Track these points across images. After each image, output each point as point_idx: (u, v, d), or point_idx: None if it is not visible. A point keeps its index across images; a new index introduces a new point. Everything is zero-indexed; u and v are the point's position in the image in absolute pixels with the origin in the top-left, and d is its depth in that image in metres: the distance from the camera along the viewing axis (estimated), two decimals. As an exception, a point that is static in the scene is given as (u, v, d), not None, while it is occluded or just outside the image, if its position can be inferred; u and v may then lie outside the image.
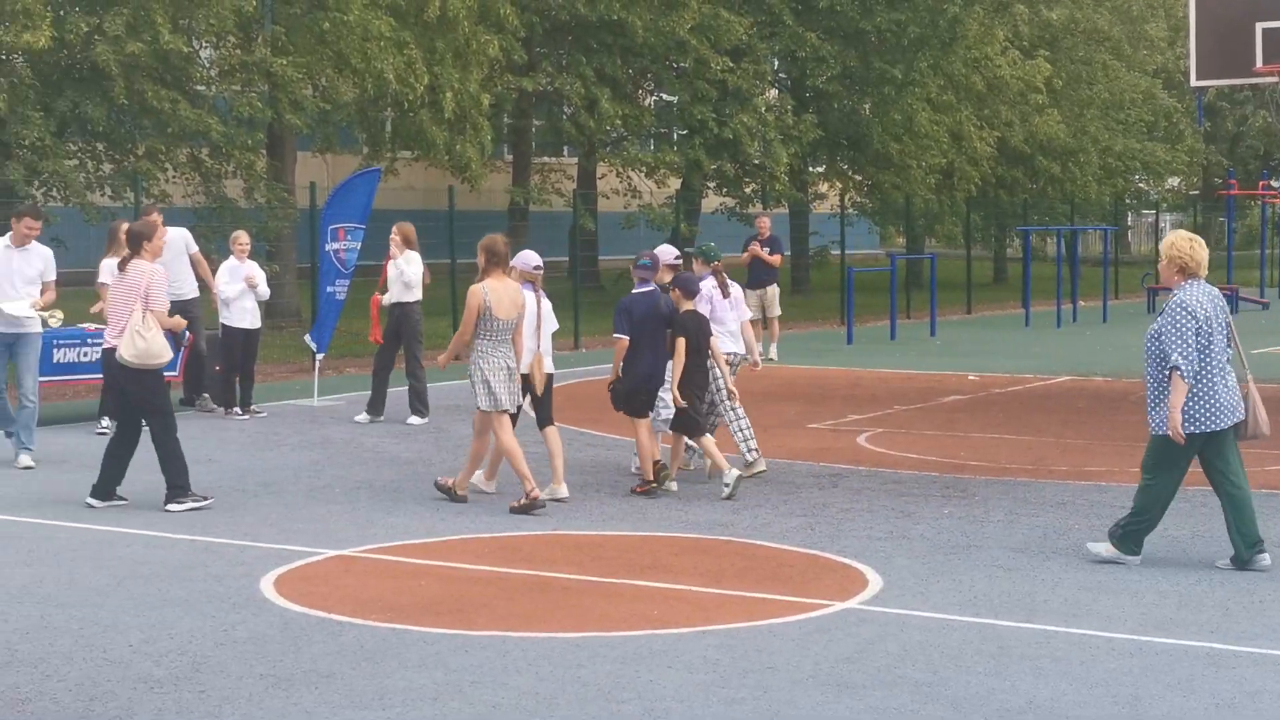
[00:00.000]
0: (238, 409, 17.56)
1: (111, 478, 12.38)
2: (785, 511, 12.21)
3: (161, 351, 12.27)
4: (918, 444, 15.80)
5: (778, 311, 25.12)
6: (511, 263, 12.72)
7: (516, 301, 12.39)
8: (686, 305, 13.17)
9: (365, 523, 11.76)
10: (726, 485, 12.73)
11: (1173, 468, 10.23)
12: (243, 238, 17.87)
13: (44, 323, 14.88)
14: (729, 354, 13.83)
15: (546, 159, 40.23)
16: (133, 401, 12.37)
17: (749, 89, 34.60)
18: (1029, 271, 35.73)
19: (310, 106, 26.97)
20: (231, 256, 17.73)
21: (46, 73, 23.66)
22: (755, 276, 24.84)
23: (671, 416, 13.17)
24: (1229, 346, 10.28)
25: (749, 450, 13.73)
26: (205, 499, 12.28)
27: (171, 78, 24.64)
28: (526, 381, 12.68)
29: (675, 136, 37.68)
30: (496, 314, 12.23)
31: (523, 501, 12.17)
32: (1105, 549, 10.43)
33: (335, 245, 19.02)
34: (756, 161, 35.69)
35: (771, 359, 24.60)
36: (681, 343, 12.97)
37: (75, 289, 16.64)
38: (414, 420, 17.17)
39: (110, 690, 7.60)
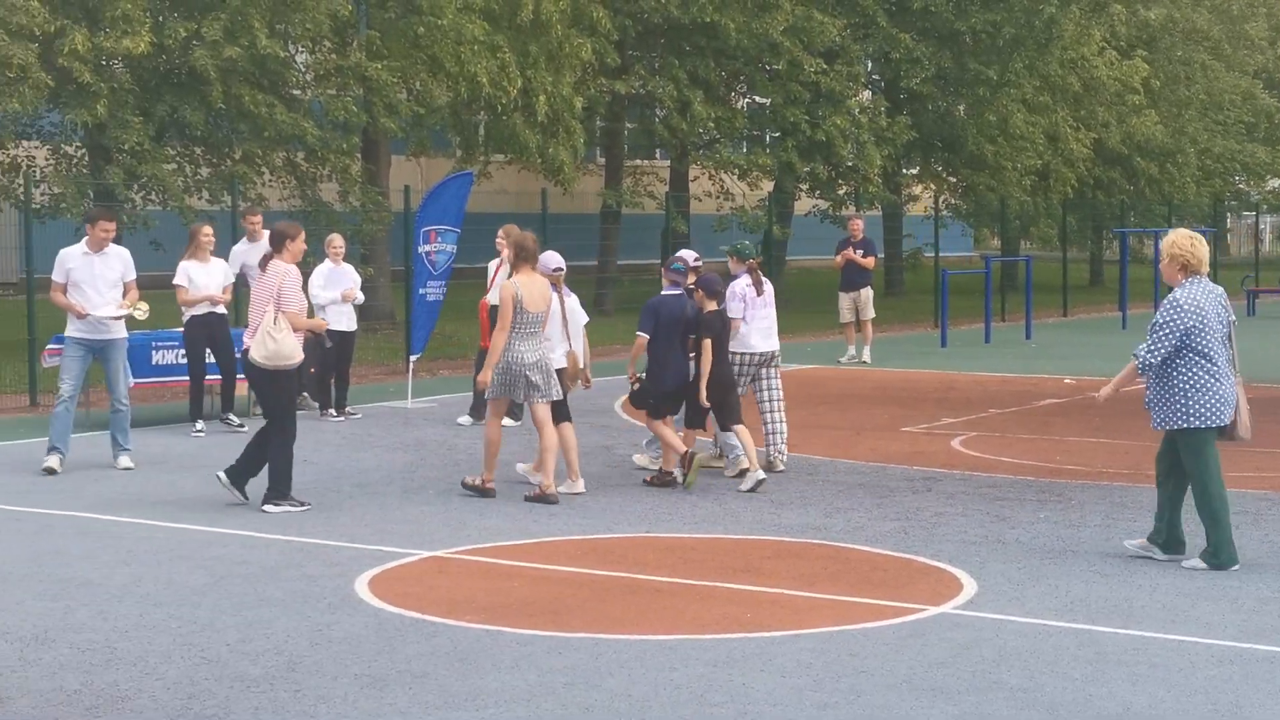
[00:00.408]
0: (333, 410, 17.69)
1: (248, 470, 12.63)
2: (879, 515, 12.15)
3: (292, 353, 12.39)
4: (1013, 448, 15.68)
5: (871, 314, 25.01)
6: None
7: (545, 296, 12.81)
8: (710, 305, 13.43)
9: (459, 524, 11.81)
10: (749, 483, 13.16)
11: (1209, 461, 10.31)
12: (337, 241, 18.00)
13: (131, 317, 14.94)
14: (763, 352, 14.07)
15: (639, 161, 40.25)
16: (256, 393, 12.52)
17: (842, 91, 34.46)
18: (1126, 273, 35.37)
19: (404, 110, 27.13)
20: (326, 260, 17.86)
21: (145, 78, 23.94)
22: (849, 279, 24.73)
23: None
24: (1229, 346, 10.35)
25: (775, 451, 14.06)
26: (303, 504, 12.39)
27: (268, 82, 24.86)
28: (562, 377, 13.11)
29: (768, 139, 37.59)
30: (527, 307, 12.61)
31: (477, 483, 12.85)
32: (1196, 562, 10.34)
33: (427, 248, 19.13)
34: (850, 164, 35.54)
35: (865, 362, 24.51)
36: (708, 343, 13.27)
37: (171, 291, 16.77)
38: (508, 422, 17.13)
39: (207, 689, 7.67)
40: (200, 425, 16.43)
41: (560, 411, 13.12)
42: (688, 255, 14.07)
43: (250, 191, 24.56)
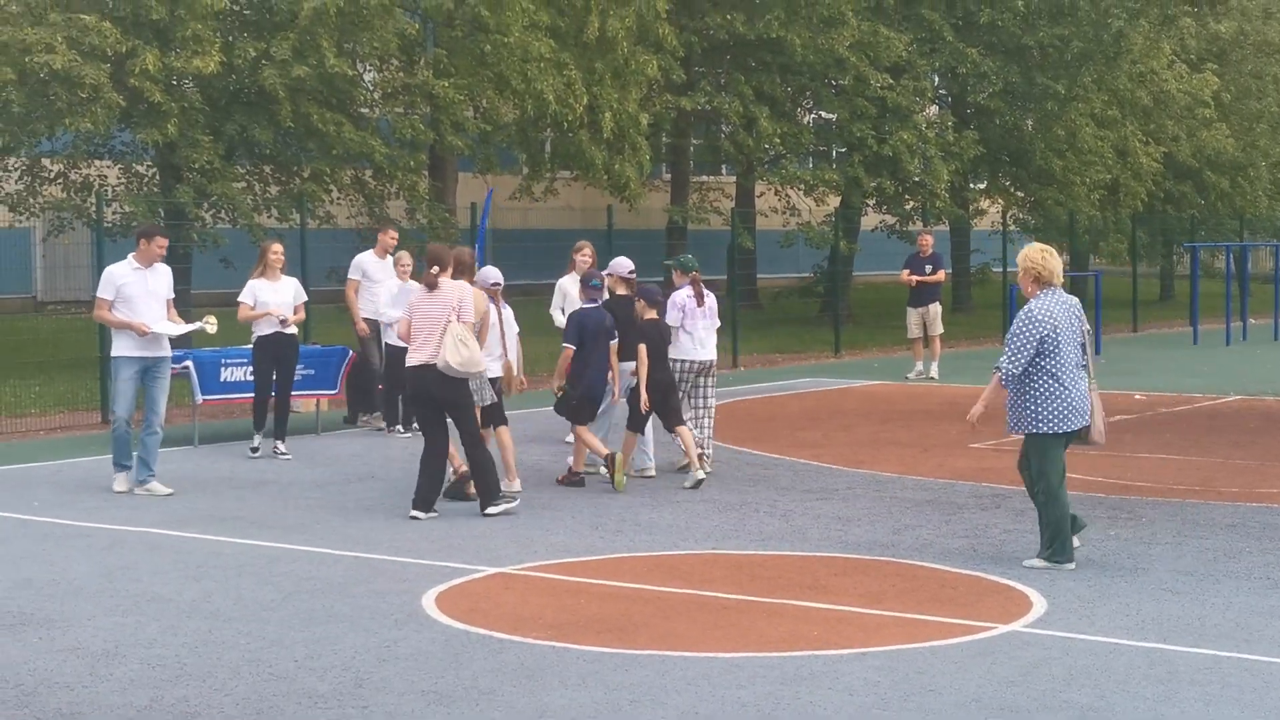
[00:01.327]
0: (399, 426, 17.73)
1: (431, 487, 12.88)
2: (947, 532, 12.08)
3: (481, 360, 12.90)
4: (1082, 464, 15.53)
5: (939, 330, 24.90)
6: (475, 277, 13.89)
7: (480, 308, 13.49)
8: (650, 314, 14.26)
9: (525, 540, 11.82)
10: (690, 481, 14.09)
11: (1054, 464, 10.79)
12: (405, 258, 18.05)
13: (203, 331, 15.01)
14: (701, 361, 14.77)
15: (705, 177, 40.28)
16: (448, 406, 12.85)
17: (909, 106, 34.36)
18: (1197, 288, 35.06)
19: (471, 128, 27.28)
20: (394, 277, 17.92)
21: (215, 97, 24.16)
22: (917, 294, 24.64)
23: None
24: (1083, 354, 10.81)
25: (703, 449, 14.71)
26: (513, 499, 13.00)
27: (336, 101, 25.05)
28: (498, 384, 13.95)
29: (834, 154, 37.52)
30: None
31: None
32: (1039, 562, 10.78)
33: None
34: (917, 179, 35.41)
35: (933, 378, 24.40)
36: (643, 349, 14.10)
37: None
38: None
39: (275, 705, 7.70)
40: (257, 441, 16.31)
41: (496, 416, 13.86)
42: (624, 264, 15.04)
43: (318, 209, 24.72)
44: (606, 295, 14.61)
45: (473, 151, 29.05)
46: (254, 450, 16.13)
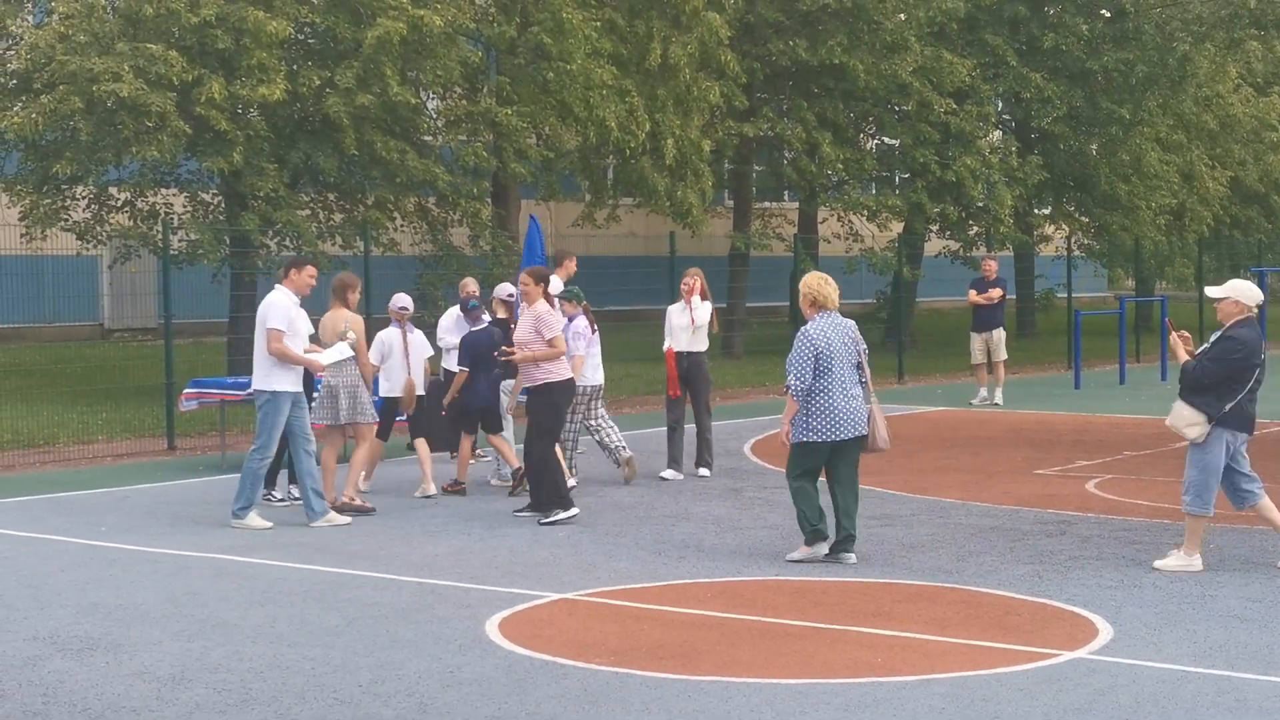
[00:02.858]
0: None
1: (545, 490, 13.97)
2: (1012, 559, 12.00)
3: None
4: (1149, 490, 15.43)
5: (1004, 355, 24.78)
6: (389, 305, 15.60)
7: (338, 330, 14.41)
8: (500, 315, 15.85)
9: (588, 566, 11.82)
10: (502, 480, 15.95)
11: (808, 470, 11.94)
12: (471, 284, 18.09)
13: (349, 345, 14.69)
14: (596, 385, 15.82)
15: (767, 204, 40.25)
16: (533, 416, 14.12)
17: (972, 131, 34.27)
18: (1265, 313, 34.67)
19: (534, 155, 27.38)
20: (457, 305, 17.94)
21: (280, 125, 24.33)
22: (981, 319, 24.55)
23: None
24: (859, 372, 11.95)
25: (621, 448, 16.04)
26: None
27: (400, 129, 25.19)
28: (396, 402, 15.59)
29: (897, 180, 37.44)
30: (322, 337, 14.35)
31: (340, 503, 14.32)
32: (801, 552, 11.96)
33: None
34: (980, 204, 35.28)
35: (997, 404, 24.28)
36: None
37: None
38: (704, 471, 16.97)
39: (340, 729, 7.73)
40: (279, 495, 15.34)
41: (419, 429, 15.57)
42: (504, 289, 16.42)
43: (382, 237, 24.85)
44: (488, 317, 16.15)
45: (535, 179, 29.15)
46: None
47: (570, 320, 15.35)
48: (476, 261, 26.36)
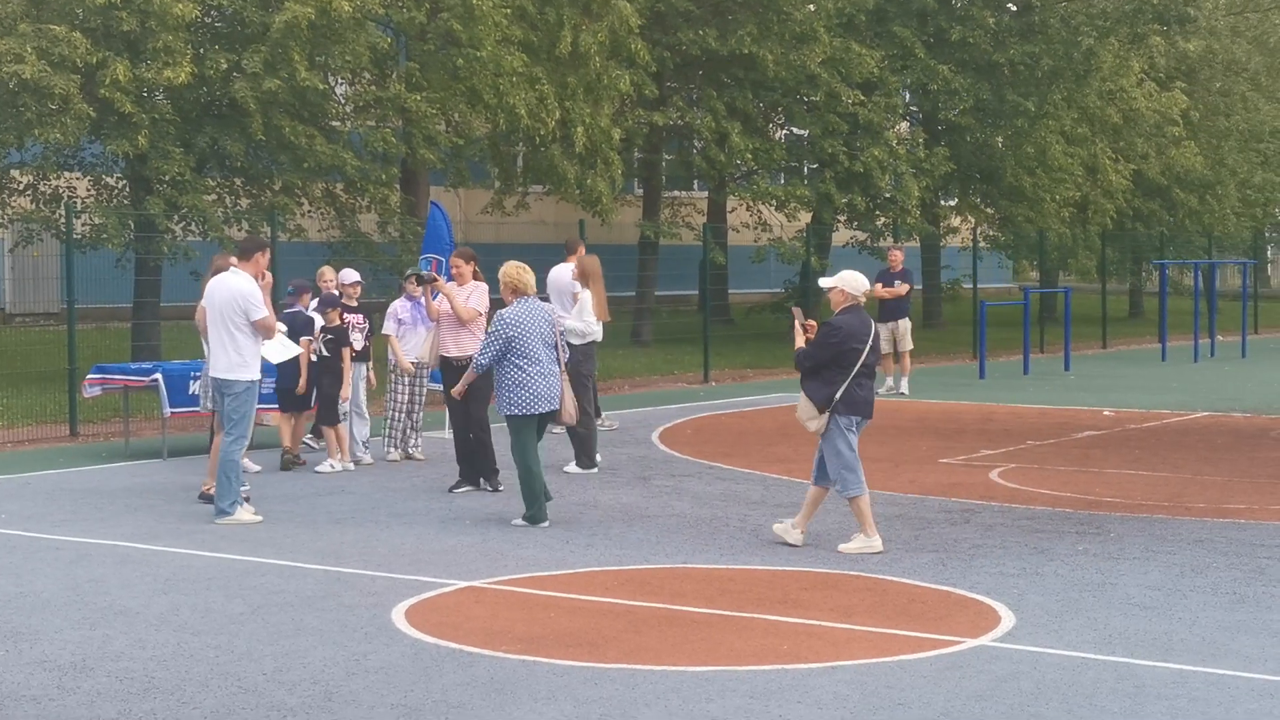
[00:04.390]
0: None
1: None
2: (917, 547, 12.10)
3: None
4: (1051, 480, 15.61)
5: (909, 345, 24.95)
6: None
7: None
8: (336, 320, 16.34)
9: (496, 554, 11.81)
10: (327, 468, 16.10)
11: (527, 442, 12.96)
12: (329, 273, 17.60)
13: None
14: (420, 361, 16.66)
15: (677, 193, 40.34)
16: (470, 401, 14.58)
17: (880, 122, 34.46)
18: (1165, 305, 35.21)
19: (443, 141, 27.26)
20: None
21: (186, 109, 24.09)
22: (886, 310, 24.70)
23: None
24: (556, 352, 13.11)
25: (403, 439, 16.82)
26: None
27: (308, 114, 25.01)
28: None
29: (806, 170, 37.60)
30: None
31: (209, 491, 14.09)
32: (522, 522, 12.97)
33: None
34: (888, 195, 35.51)
35: (903, 393, 24.45)
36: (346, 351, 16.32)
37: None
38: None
39: (244, 718, 7.68)
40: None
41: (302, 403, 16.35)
42: (349, 275, 16.89)
43: (289, 222, 24.67)
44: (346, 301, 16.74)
45: (445, 165, 29.04)
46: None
47: (413, 302, 16.35)
48: (385, 248, 26.23)
